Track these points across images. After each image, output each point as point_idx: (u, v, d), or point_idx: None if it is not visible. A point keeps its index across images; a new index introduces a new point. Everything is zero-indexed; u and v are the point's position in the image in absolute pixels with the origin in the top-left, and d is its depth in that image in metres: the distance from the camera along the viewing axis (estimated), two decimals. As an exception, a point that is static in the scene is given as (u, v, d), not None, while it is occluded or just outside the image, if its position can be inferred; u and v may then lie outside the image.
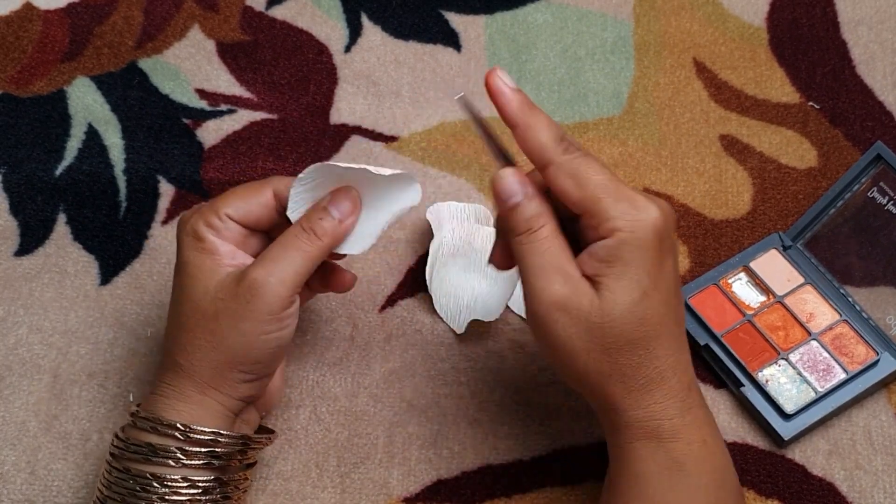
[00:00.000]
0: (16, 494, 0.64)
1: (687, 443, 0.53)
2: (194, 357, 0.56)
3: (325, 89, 0.79)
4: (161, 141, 0.77)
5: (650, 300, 0.52)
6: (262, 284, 0.55)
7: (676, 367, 0.54)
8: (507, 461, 0.65)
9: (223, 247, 0.58)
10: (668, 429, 0.53)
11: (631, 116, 0.78)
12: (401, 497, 0.64)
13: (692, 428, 0.54)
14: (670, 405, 0.53)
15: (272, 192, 0.59)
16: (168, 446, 0.55)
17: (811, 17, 0.82)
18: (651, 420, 0.53)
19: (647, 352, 0.53)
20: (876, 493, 0.64)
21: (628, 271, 0.52)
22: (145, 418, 0.56)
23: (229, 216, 0.58)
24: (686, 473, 0.53)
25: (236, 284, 0.56)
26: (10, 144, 0.77)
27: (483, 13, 0.83)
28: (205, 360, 0.56)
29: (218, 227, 0.58)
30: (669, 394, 0.53)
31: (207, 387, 0.57)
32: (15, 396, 0.67)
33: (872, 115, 0.77)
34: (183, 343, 0.57)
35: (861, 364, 0.66)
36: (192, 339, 0.56)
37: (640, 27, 0.82)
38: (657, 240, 0.52)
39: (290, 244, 0.57)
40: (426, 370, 0.68)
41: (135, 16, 0.82)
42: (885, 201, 0.67)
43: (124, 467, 0.55)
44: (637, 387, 0.53)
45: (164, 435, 0.55)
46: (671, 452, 0.53)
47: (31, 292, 0.71)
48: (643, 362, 0.53)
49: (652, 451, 0.54)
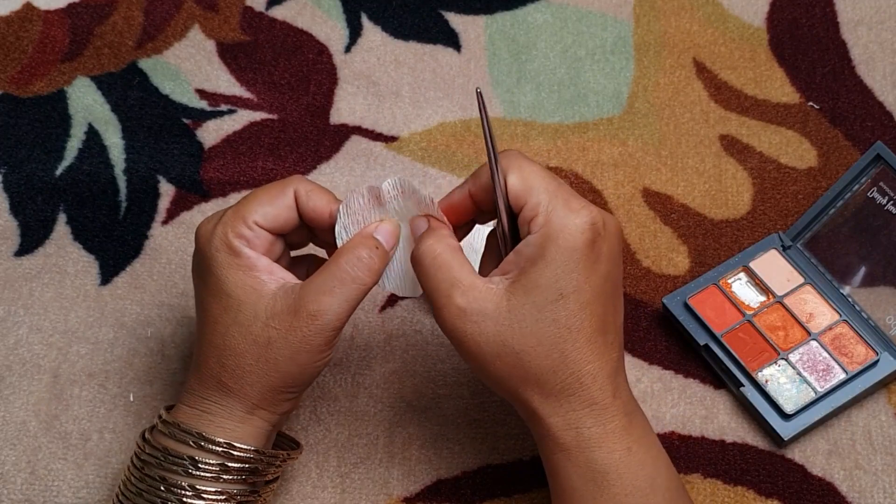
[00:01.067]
0: (16, 494, 0.64)
1: (608, 451, 0.53)
2: (245, 381, 0.56)
3: (325, 89, 0.79)
4: (161, 141, 0.77)
5: (567, 303, 0.52)
6: (321, 319, 0.55)
7: (597, 374, 0.53)
8: (507, 461, 0.65)
9: (260, 261, 0.56)
10: (586, 437, 0.53)
11: (631, 116, 0.78)
12: (401, 497, 0.64)
13: (614, 437, 0.53)
14: (588, 413, 0.53)
15: (294, 193, 0.57)
16: (208, 461, 0.55)
17: (811, 17, 0.82)
18: (570, 429, 0.53)
19: (561, 355, 0.53)
20: (876, 493, 0.64)
21: (547, 271, 0.52)
22: (187, 432, 0.55)
23: (258, 224, 0.56)
24: (609, 483, 0.53)
25: (292, 315, 0.55)
26: (10, 144, 0.77)
27: (483, 13, 0.83)
28: (256, 384, 0.56)
29: (249, 237, 0.56)
30: (588, 402, 0.53)
31: (255, 407, 0.56)
32: (15, 396, 0.67)
33: (872, 115, 0.77)
34: (231, 367, 0.56)
35: (861, 364, 0.66)
36: (243, 364, 0.55)
37: (640, 27, 0.82)
38: (586, 244, 0.52)
39: (347, 277, 0.55)
40: (426, 370, 0.68)
41: (135, 16, 0.82)
42: (884, 201, 0.67)
43: (159, 476, 0.55)
44: (554, 392, 0.53)
45: (207, 451, 0.55)
46: (591, 463, 0.53)
47: (31, 292, 0.71)
48: (557, 367, 0.53)
49: (573, 463, 0.53)
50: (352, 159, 0.76)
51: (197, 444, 0.55)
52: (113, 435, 0.66)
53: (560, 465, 0.54)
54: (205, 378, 0.56)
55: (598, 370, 0.53)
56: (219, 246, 0.56)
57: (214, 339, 0.56)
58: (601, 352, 0.53)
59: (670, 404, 0.67)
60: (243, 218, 0.56)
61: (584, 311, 0.53)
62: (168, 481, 0.54)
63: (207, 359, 0.56)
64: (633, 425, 0.54)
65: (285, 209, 0.57)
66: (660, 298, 0.70)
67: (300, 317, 0.55)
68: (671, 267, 0.72)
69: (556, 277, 0.52)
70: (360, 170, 0.76)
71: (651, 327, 0.69)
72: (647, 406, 0.66)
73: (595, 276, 0.53)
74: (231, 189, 0.75)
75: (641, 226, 0.73)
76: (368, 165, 0.76)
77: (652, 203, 0.74)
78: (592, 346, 0.53)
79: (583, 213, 0.53)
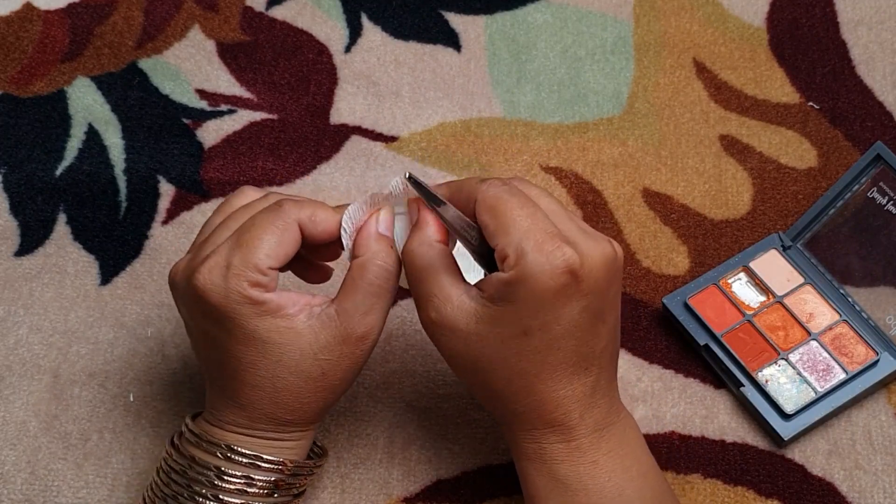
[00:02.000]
0: (16, 494, 0.64)
1: (571, 464, 0.54)
2: (303, 411, 0.56)
3: (325, 89, 0.79)
4: (161, 141, 0.77)
5: (531, 340, 0.52)
6: (370, 338, 0.55)
7: (562, 400, 0.53)
8: (507, 461, 0.65)
9: (282, 299, 0.54)
10: (549, 451, 0.54)
11: (631, 116, 0.78)
12: (401, 497, 0.64)
13: (578, 452, 0.54)
14: (551, 432, 0.54)
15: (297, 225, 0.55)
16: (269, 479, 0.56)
17: (811, 17, 0.82)
18: (533, 442, 0.54)
19: (525, 383, 0.53)
20: (876, 493, 0.64)
21: (512, 308, 0.51)
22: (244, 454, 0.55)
23: (272, 268, 0.54)
24: (573, 492, 0.54)
25: (342, 344, 0.54)
26: (10, 144, 0.77)
27: (483, 13, 0.83)
28: (314, 409, 0.56)
29: (266, 283, 0.53)
30: (550, 423, 0.54)
31: (310, 423, 0.57)
32: (15, 396, 0.67)
33: (872, 115, 0.77)
34: (287, 403, 0.55)
35: (861, 364, 0.66)
36: (300, 398, 0.56)
37: (640, 27, 0.82)
38: (557, 287, 0.51)
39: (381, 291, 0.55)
40: (426, 370, 0.68)
41: (135, 16, 0.82)
42: (884, 201, 0.67)
43: (213, 495, 0.55)
44: (517, 411, 0.54)
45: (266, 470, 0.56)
46: (554, 473, 0.54)
47: (31, 292, 0.71)
48: (520, 392, 0.53)
49: (538, 472, 0.55)
50: (352, 159, 0.76)
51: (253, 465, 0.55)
52: (113, 435, 0.66)
53: (526, 471, 0.55)
54: (256, 416, 0.56)
55: (564, 397, 0.53)
56: (239, 300, 0.53)
57: (260, 382, 0.55)
58: (570, 380, 0.53)
59: (670, 404, 0.67)
60: (256, 266, 0.53)
61: (550, 347, 0.52)
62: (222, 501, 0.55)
63: (257, 400, 0.55)
64: (602, 439, 0.54)
65: (293, 244, 0.55)
66: (660, 298, 0.70)
67: (350, 343, 0.55)
68: (671, 267, 0.72)
69: (521, 316, 0.51)
70: (360, 170, 0.76)
71: (651, 327, 0.69)
72: (647, 406, 0.66)
73: (567, 312, 0.52)
74: (231, 189, 0.75)
75: (641, 226, 0.73)
76: (368, 165, 0.76)
77: (652, 203, 0.74)
78: (559, 376, 0.53)
79: (555, 255, 0.50)
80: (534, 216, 0.52)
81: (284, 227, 0.54)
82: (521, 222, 0.51)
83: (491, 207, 0.52)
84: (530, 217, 0.51)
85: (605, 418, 0.55)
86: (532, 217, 0.51)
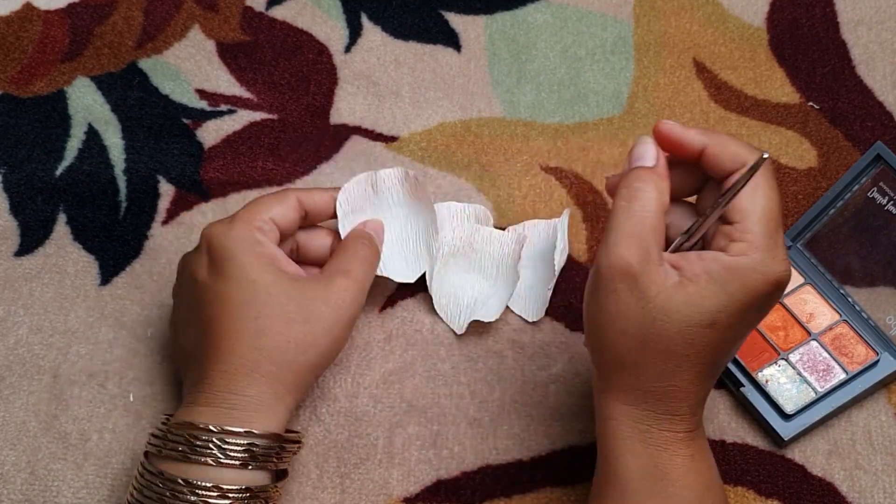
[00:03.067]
0: (16, 494, 0.64)
1: (672, 454, 0.53)
2: (283, 360, 0.57)
3: (325, 89, 0.79)
4: (161, 141, 0.77)
5: (711, 332, 0.51)
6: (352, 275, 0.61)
7: (692, 395, 0.53)
8: (507, 461, 0.65)
9: (278, 252, 0.61)
10: (656, 437, 0.53)
11: (631, 116, 0.78)
12: (401, 497, 0.64)
13: (682, 444, 0.53)
14: (666, 419, 0.53)
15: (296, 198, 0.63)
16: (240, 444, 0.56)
17: (811, 17, 0.82)
18: (642, 424, 0.53)
19: (675, 368, 0.52)
20: (876, 493, 0.64)
21: (715, 297, 0.51)
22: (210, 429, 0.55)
23: (273, 220, 0.62)
24: (667, 483, 0.53)
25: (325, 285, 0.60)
26: (10, 144, 0.77)
27: (483, 13, 0.83)
28: (294, 363, 0.57)
29: (266, 231, 0.61)
30: (671, 412, 0.53)
31: (285, 393, 0.58)
32: (15, 396, 0.67)
33: (872, 115, 0.77)
34: (269, 348, 0.57)
35: (861, 364, 0.66)
36: (281, 342, 0.57)
37: (640, 27, 0.82)
38: (764, 295, 0.51)
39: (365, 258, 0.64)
40: (426, 370, 0.68)
41: (135, 16, 0.82)
42: (884, 201, 0.67)
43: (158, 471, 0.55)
44: (644, 389, 0.53)
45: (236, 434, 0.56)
46: (654, 459, 0.53)
47: (31, 292, 0.71)
48: (663, 376, 0.52)
49: (634, 455, 0.53)
50: (352, 159, 0.76)
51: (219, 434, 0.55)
52: (113, 435, 0.66)
53: (619, 451, 0.54)
54: (233, 368, 0.56)
55: (694, 392, 0.53)
56: (239, 237, 0.60)
57: (245, 325, 0.57)
58: (706, 379, 0.53)
59: (670, 404, 0.67)
60: (259, 215, 0.61)
61: (718, 346, 0.52)
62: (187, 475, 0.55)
63: (237, 346, 0.57)
64: (696, 440, 0.54)
65: (292, 210, 0.63)
66: (660, 298, 0.70)
67: (334, 280, 0.60)
68: (671, 267, 0.72)
69: (718, 308, 0.51)
70: (360, 170, 0.76)
71: (651, 327, 0.69)
72: (647, 406, 0.66)
73: (749, 320, 0.52)
74: (231, 189, 0.75)
75: (641, 226, 0.73)
76: (368, 165, 0.76)
77: (652, 203, 0.74)
78: (704, 374, 0.53)
79: (781, 266, 0.51)
80: (776, 211, 0.52)
81: (283, 196, 0.63)
82: (768, 216, 0.51)
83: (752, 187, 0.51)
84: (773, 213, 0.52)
85: (701, 420, 0.55)
86: (775, 212, 0.52)
